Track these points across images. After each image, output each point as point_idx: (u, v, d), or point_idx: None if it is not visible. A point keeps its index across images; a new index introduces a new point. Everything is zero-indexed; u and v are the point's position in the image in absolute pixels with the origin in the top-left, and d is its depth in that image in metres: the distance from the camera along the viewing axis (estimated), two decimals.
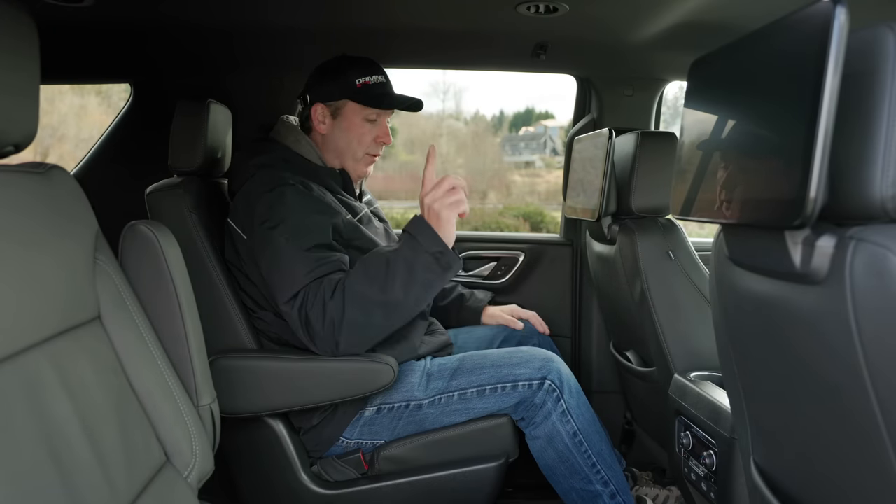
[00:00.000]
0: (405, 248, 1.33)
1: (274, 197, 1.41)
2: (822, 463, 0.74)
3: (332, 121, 1.57)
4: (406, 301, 1.34)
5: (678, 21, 1.51)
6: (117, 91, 2.48)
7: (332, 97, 1.55)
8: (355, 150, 1.58)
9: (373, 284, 1.32)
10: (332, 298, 1.32)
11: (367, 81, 1.54)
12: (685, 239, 1.61)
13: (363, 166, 1.61)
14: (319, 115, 1.56)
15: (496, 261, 2.31)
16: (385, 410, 1.47)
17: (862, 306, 0.60)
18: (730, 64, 0.79)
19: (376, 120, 1.57)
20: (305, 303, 1.34)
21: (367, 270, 1.33)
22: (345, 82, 1.54)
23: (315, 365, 1.42)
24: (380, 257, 1.35)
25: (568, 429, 1.43)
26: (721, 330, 0.95)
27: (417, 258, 1.32)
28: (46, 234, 0.82)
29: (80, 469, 0.78)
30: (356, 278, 1.33)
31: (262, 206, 1.41)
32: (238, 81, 2.06)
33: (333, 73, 1.56)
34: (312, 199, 1.45)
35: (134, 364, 0.95)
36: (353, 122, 1.56)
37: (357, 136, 1.56)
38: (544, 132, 6.51)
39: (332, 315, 1.32)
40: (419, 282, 1.33)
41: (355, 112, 1.55)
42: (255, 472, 1.50)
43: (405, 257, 1.32)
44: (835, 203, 0.63)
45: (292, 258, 1.36)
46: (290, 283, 1.35)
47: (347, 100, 1.55)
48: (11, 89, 0.78)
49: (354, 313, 1.31)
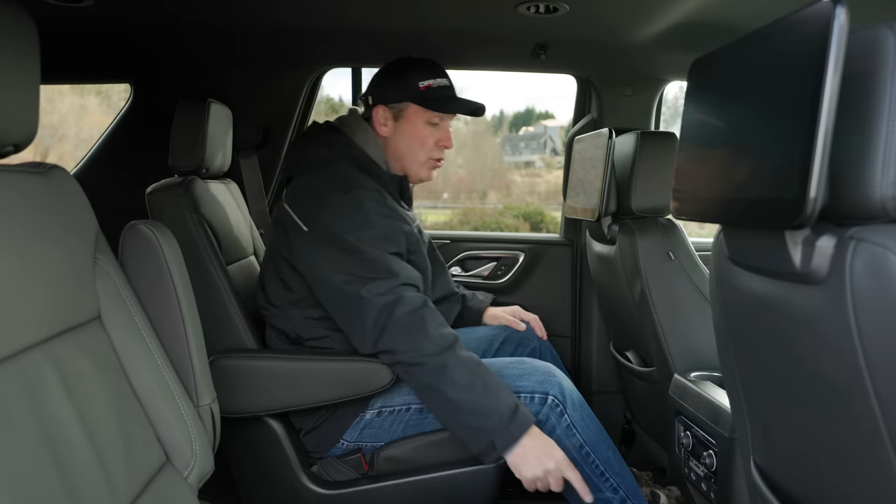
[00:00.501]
0: (498, 411, 1.29)
1: (350, 199, 1.39)
2: (823, 463, 0.74)
3: (394, 124, 1.54)
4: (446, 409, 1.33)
5: (678, 21, 1.51)
6: (117, 91, 2.48)
7: (394, 99, 1.52)
8: (417, 154, 1.55)
9: (458, 384, 1.30)
10: (433, 332, 1.32)
11: (431, 84, 1.51)
12: (685, 239, 1.61)
13: (425, 171, 1.59)
14: (381, 118, 1.54)
15: (496, 261, 2.31)
16: (386, 413, 1.47)
17: (862, 306, 0.60)
18: (730, 64, 0.79)
19: (438, 124, 1.54)
20: (401, 302, 1.33)
21: (473, 377, 1.31)
22: (408, 85, 1.51)
23: (315, 365, 1.42)
24: (486, 384, 1.31)
25: (574, 442, 1.42)
26: (721, 330, 0.95)
27: (496, 425, 1.28)
28: (46, 233, 0.82)
29: (80, 469, 0.78)
30: (463, 366, 1.31)
31: (337, 205, 1.38)
32: (238, 81, 2.06)
33: (396, 75, 1.53)
34: (388, 206, 1.44)
35: (134, 364, 0.95)
36: (416, 126, 1.53)
37: (419, 139, 1.54)
38: (544, 132, 6.51)
39: (419, 343, 1.32)
40: (469, 420, 1.31)
41: (417, 115, 1.52)
42: (255, 472, 1.50)
43: (487, 414, 1.29)
44: (835, 203, 0.63)
45: (380, 261, 1.35)
46: (383, 280, 1.33)
47: (410, 103, 1.52)
48: (11, 89, 0.78)
49: (428, 370, 1.31)
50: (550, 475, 1.29)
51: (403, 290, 1.35)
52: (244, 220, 1.90)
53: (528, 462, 1.28)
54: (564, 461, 1.30)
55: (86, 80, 2.38)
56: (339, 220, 1.37)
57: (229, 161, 1.84)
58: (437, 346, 1.32)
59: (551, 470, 1.28)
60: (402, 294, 1.34)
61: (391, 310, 1.33)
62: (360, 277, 1.35)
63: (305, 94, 2.16)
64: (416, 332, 1.33)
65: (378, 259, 1.36)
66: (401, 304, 1.33)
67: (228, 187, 1.86)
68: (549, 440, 1.32)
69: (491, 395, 1.31)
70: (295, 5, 1.50)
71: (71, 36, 1.71)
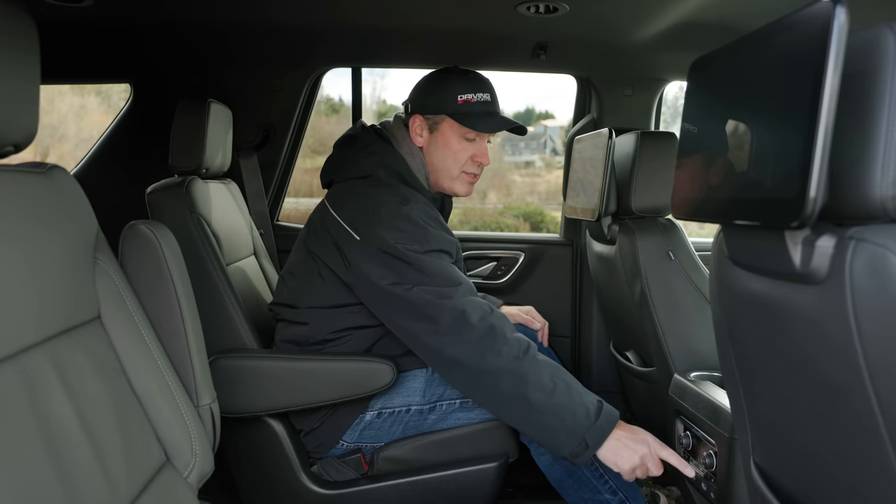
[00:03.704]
0: (584, 406, 1.25)
1: (407, 212, 1.36)
2: (823, 462, 0.74)
3: (429, 135, 1.49)
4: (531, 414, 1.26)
5: (678, 21, 1.51)
6: (117, 91, 2.48)
7: (431, 110, 1.48)
8: (450, 168, 1.50)
9: (542, 388, 1.25)
10: (507, 340, 1.27)
11: (470, 98, 1.46)
12: (685, 239, 1.61)
13: (459, 186, 1.53)
14: (417, 128, 1.50)
15: (496, 261, 2.31)
16: (385, 414, 1.47)
17: (862, 306, 0.60)
18: (730, 64, 0.79)
19: (475, 140, 1.50)
20: (471, 311, 1.28)
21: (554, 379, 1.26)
22: (445, 97, 1.46)
23: (315, 365, 1.42)
24: (568, 384, 1.27)
25: None
26: (721, 330, 0.95)
27: (584, 422, 1.23)
28: (46, 233, 0.82)
29: (80, 469, 0.78)
30: (542, 369, 1.26)
31: (391, 217, 1.35)
32: (238, 81, 2.06)
33: (436, 86, 1.49)
34: (440, 222, 1.43)
35: (134, 364, 0.95)
36: (450, 140, 1.48)
37: (452, 154, 1.49)
38: (544, 132, 6.51)
39: (499, 349, 1.26)
40: (556, 423, 1.24)
41: (452, 130, 1.48)
42: (255, 472, 1.50)
43: (574, 411, 1.24)
44: (835, 203, 0.63)
45: (442, 270, 1.32)
46: (447, 288, 1.30)
47: (445, 116, 1.47)
48: (11, 89, 0.78)
49: (508, 377, 1.25)
50: (648, 459, 1.25)
51: (470, 297, 1.32)
52: (244, 220, 1.90)
53: (623, 453, 1.24)
54: (655, 442, 1.27)
55: (86, 80, 2.38)
56: (396, 233, 1.33)
57: (229, 161, 1.84)
58: (516, 351, 1.27)
59: (647, 454, 1.25)
60: (471, 300, 1.31)
61: (463, 317, 1.28)
62: (426, 289, 1.30)
63: (305, 94, 2.17)
64: (492, 338, 1.27)
65: (440, 269, 1.33)
66: (471, 311, 1.29)
67: (228, 187, 1.87)
68: (634, 427, 1.29)
69: (574, 394, 1.26)
70: (295, 5, 1.50)
71: (71, 36, 1.71)
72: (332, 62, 2.12)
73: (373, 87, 3.94)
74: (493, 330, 1.28)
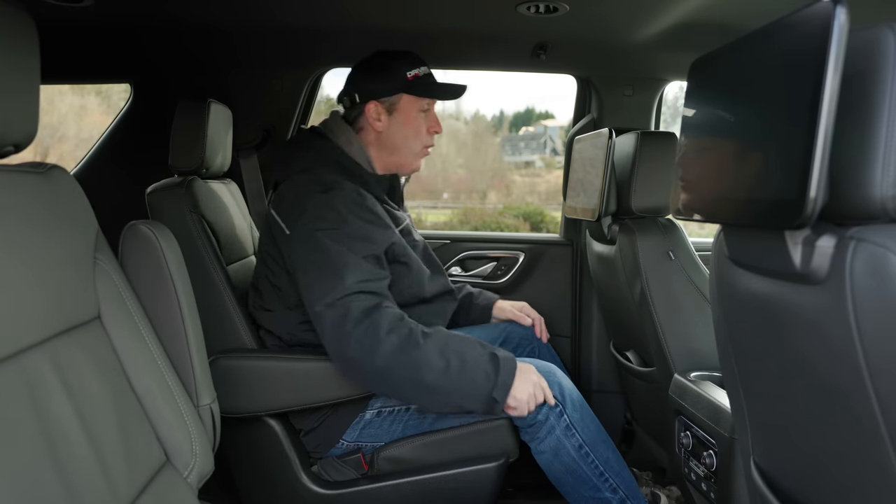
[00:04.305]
0: (482, 369, 1.30)
1: (328, 199, 1.39)
2: (823, 463, 0.74)
3: (388, 117, 1.54)
4: (435, 396, 1.32)
5: (678, 21, 1.51)
6: (117, 91, 2.48)
7: (386, 93, 1.53)
8: (412, 143, 1.56)
9: (434, 369, 1.29)
10: (387, 336, 1.29)
11: (417, 74, 1.53)
12: (685, 239, 1.61)
13: (418, 160, 1.61)
14: (374, 113, 1.53)
15: (496, 261, 2.31)
16: (385, 413, 1.47)
17: (862, 306, 0.60)
18: (730, 64, 0.79)
19: (428, 111, 1.57)
20: (349, 315, 1.30)
21: (445, 355, 1.30)
22: (396, 76, 1.52)
23: (315, 365, 1.42)
24: (461, 354, 1.31)
25: (573, 442, 1.43)
26: (721, 330, 0.95)
27: (485, 384, 1.30)
28: (46, 233, 0.82)
29: (80, 469, 0.78)
30: (430, 351, 1.29)
31: (314, 207, 1.39)
32: (238, 81, 2.06)
33: (383, 69, 1.53)
34: (366, 208, 1.44)
35: (134, 364, 0.95)
36: (410, 116, 1.54)
37: (414, 129, 1.55)
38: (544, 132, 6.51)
39: (374, 348, 1.28)
40: (461, 396, 1.31)
41: (411, 105, 1.54)
42: (255, 472, 1.50)
43: (471, 379, 1.29)
44: (835, 203, 0.63)
45: (342, 263, 1.33)
46: (334, 287, 1.31)
47: (402, 93, 1.53)
48: (11, 89, 0.78)
49: (400, 373, 1.29)
50: (537, 388, 1.35)
51: (350, 299, 1.32)
52: (244, 220, 1.90)
53: (521, 391, 1.33)
54: (535, 373, 1.37)
55: (86, 80, 2.38)
56: (317, 220, 1.38)
57: (229, 161, 1.84)
58: (396, 343, 1.29)
59: (536, 382, 1.35)
60: (350, 303, 1.31)
61: (344, 323, 1.31)
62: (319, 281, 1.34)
63: (305, 94, 2.17)
64: (372, 338, 1.29)
65: (337, 261, 1.34)
66: (350, 313, 1.30)
67: (228, 187, 1.87)
68: (523, 364, 1.36)
69: (469, 361, 1.31)
70: (295, 5, 1.50)
71: (71, 36, 1.71)
72: (333, 62, 2.12)
73: None
74: (373, 328, 1.29)
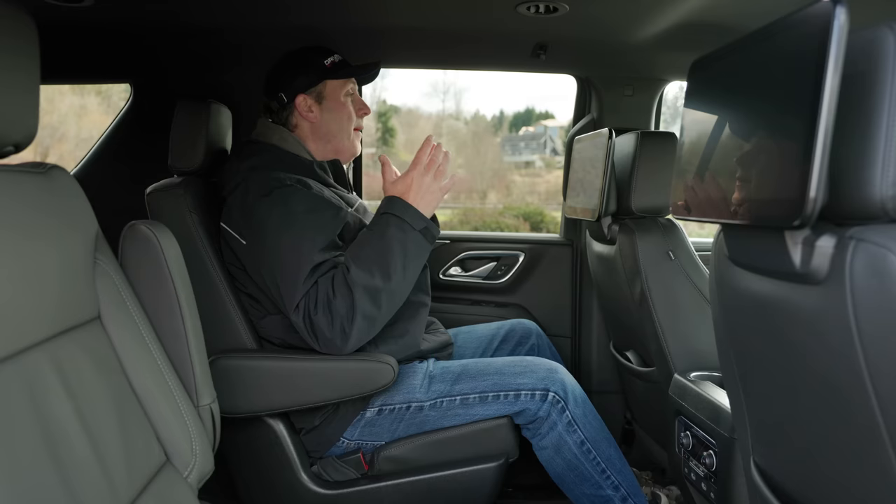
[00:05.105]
0: (394, 230, 1.37)
1: (272, 200, 1.40)
2: (822, 463, 0.74)
3: (318, 106, 1.59)
4: (406, 281, 1.39)
5: (678, 21, 1.51)
6: (117, 91, 2.48)
7: (311, 84, 1.58)
8: (346, 126, 1.62)
9: (374, 273, 1.34)
10: (336, 297, 1.33)
11: (334, 60, 1.59)
12: (685, 239, 1.61)
13: (355, 144, 1.65)
14: (304, 106, 1.58)
15: (496, 261, 2.31)
16: (386, 411, 1.47)
17: (862, 306, 0.60)
18: (730, 64, 0.79)
19: (352, 94, 1.63)
20: (308, 309, 1.34)
21: (366, 260, 1.35)
22: (315, 67, 1.58)
23: (315, 365, 1.42)
24: (373, 245, 1.37)
25: (575, 438, 1.43)
26: (721, 330, 0.95)
27: (408, 237, 1.37)
28: (46, 233, 0.82)
29: (80, 469, 0.78)
30: (357, 270, 1.34)
31: (260, 211, 1.40)
32: (238, 81, 2.06)
33: (302, 64, 1.59)
34: (311, 196, 1.44)
35: (134, 364, 0.95)
36: (338, 101, 1.60)
37: (346, 113, 1.61)
38: (544, 132, 6.51)
39: (341, 313, 1.33)
40: (413, 259, 1.38)
41: (336, 90, 1.59)
42: (255, 472, 1.50)
43: (398, 239, 1.36)
44: (835, 203, 0.63)
45: (292, 266, 1.35)
46: (293, 292, 1.35)
47: (326, 80, 1.58)
48: (11, 89, 0.78)
49: (365, 305, 1.33)
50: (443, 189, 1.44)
51: (309, 294, 1.34)
52: None
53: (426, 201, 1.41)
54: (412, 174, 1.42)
55: (86, 80, 2.38)
56: (266, 225, 1.39)
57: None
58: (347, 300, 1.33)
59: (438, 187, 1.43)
60: (308, 297, 1.34)
61: (310, 319, 1.34)
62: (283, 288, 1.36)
63: None
64: (332, 305, 1.33)
65: (292, 262, 1.35)
66: (309, 304, 1.34)
67: None
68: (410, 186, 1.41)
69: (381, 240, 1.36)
70: (296, 6, 1.50)
71: (71, 36, 1.71)
72: None
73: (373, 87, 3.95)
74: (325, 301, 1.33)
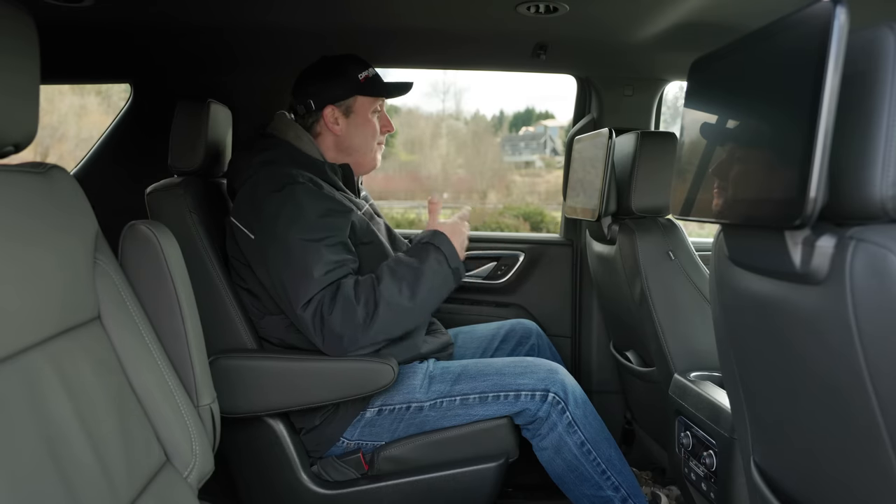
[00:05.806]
0: (433, 262, 1.42)
1: (284, 196, 1.40)
2: (823, 463, 0.74)
3: (345, 120, 1.58)
4: (424, 311, 1.44)
5: (678, 21, 1.51)
6: (117, 91, 2.48)
7: (341, 97, 1.57)
8: (370, 143, 1.62)
9: (403, 293, 1.38)
10: (359, 305, 1.34)
11: (367, 75, 1.58)
12: (685, 239, 1.61)
13: (376, 157, 1.66)
14: (331, 118, 1.57)
15: (496, 261, 2.30)
16: (386, 412, 1.47)
17: (862, 306, 0.60)
18: (730, 64, 0.79)
19: (379, 111, 1.63)
20: (322, 307, 1.34)
21: (399, 279, 1.39)
22: (350, 79, 1.57)
23: (315, 365, 1.42)
24: (409, 267, 1.41)
25: (575, 439, 1.43)
26: (721, 330, 0.95)
27: (441, 271, 1.42)
28: (46, 234, 0.82)
29: (80, 469, 0.78)
30: (389, 286, 1.37)
31: (271, 206, 1.40)
32: (238, 81, 2.06)
33: (335, 74, 1.57)
34: (323, 196, 1.44)
35: (134, 364, 0.95)
36: (366, 117, 1.59)
37: (371, 129, 1.61)
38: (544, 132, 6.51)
39: (357, 321, 1.34)
40: (437, 291, 1.43)
41: (365, 106, 1.59)
42: (255, 472, 1.50)
43: (433, 270, 1.41)
44: (835, 203, 0.63)
45: (302, 262, 1.35)
46: (306, 287, 1.34)
47: (357, 96, 1.57)
48: (11, 89, 0.78)
49: (384, 320, 1.36)
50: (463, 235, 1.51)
51: (322, 294, 1.35)
52: None
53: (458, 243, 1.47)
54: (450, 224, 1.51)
55: (86, 80, 2.38)
56: (277, 221, 1.39)
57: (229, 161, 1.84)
58: (363, 314, 1.35)
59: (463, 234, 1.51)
60: (322, 297, 1.35)
61: (320, 317, 1.35)
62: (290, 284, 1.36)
63: None
64: (350, 311, 1.34)
65: (303, 259, 1.36)
66: (323, 305, 1.35)
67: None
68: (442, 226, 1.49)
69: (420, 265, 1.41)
70: (296, 6, 1.50)
71: (71, 36, 1.71)
72: None
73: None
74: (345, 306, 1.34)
